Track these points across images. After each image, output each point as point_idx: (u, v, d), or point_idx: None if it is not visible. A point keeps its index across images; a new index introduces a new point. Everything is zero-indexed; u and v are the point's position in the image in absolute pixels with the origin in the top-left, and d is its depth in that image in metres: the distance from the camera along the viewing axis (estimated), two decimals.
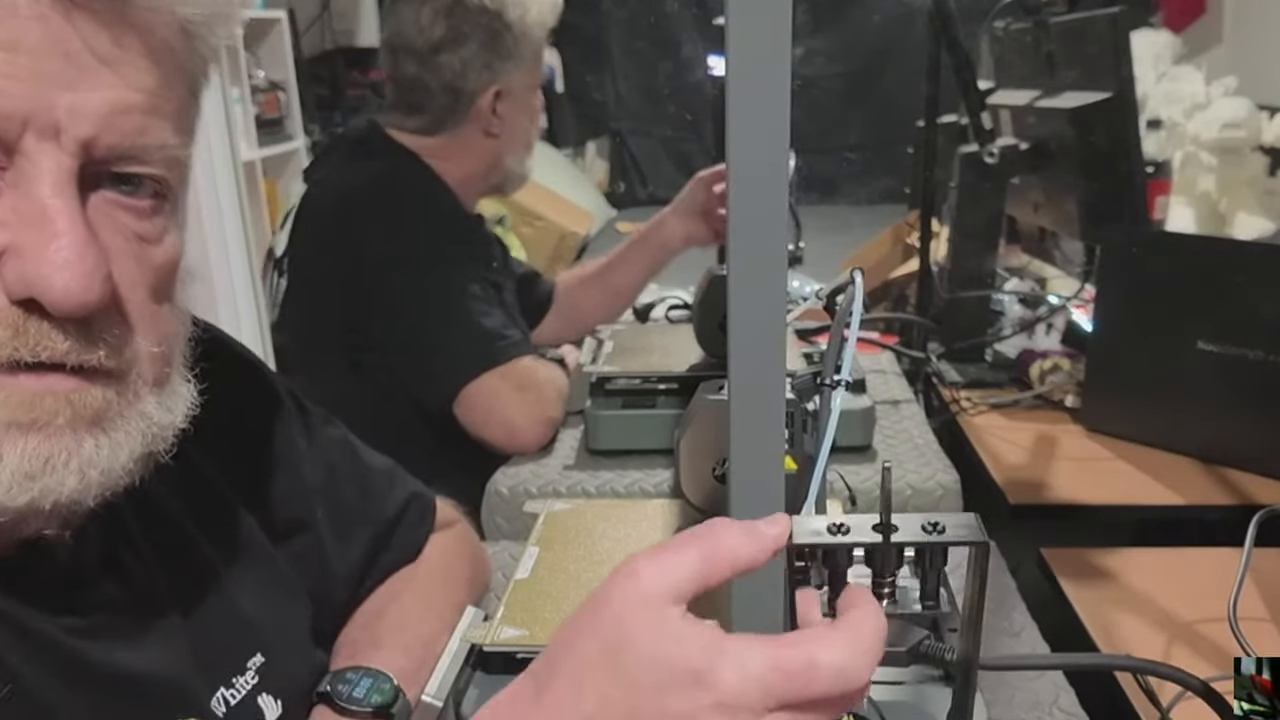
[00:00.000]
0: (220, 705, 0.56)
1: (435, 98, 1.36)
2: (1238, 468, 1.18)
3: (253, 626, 0.61)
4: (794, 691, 0.39)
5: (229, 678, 0.58)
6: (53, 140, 0.42)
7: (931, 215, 1.59)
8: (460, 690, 0.67)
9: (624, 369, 1.22)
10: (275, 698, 0.60)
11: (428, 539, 0.80)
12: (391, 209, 1.30)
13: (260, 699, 0.59)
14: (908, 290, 1.98)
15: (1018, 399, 1.42)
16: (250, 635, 0.60)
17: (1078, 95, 1.36)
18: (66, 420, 0.44)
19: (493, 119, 1.38)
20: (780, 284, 0.52)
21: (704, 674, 0.39)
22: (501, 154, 1.42)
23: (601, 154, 6.21)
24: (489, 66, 1.35)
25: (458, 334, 1.26)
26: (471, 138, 1.38)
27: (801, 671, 0.40)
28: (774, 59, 0.48)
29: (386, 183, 1.33)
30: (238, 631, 0.60)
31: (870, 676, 0.41)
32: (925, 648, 0.59)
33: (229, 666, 0.58)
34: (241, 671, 0.58)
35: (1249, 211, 2.65)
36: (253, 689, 0.58)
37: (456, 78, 1.34)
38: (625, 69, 6.02)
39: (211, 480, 0.62)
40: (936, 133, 1.58)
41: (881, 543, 0.45)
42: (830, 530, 0.45)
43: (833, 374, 0.61)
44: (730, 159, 0.49)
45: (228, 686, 0.57)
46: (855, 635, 0.42)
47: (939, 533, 0.45)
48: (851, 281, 0.64)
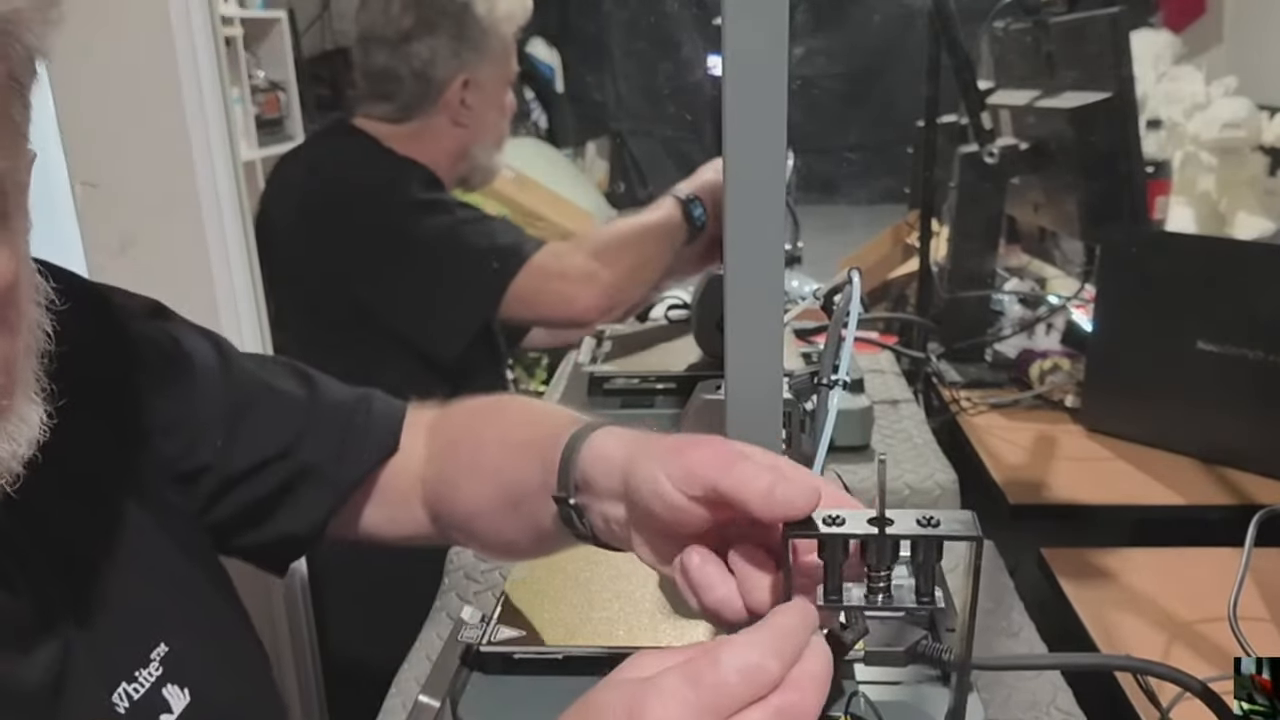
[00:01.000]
0: (123, 700, 0.54)
1: (405, 85, 1.40)
2: (1238, 468, 1.18)
3: (153, 614, 0.58)
4: (715, 701, 0.39)
5: (130, 671, 0.55)
6: None
7: (931, 215, 1.59)
8: (457, 690, 0.66)
9: (622, 369, 1.22)
10: (182, 687, 0.58)
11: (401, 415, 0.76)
12: (364, 179, 1.34)
13: (165, 690, 0.57)
14: (907, 290, 1.98)
15: (1018, 399, 1.41)
16: (150, 624, 0.58)
17: (1078, 95, 1.36)
18: None
19: (461, 109, 1.41)
20: (778, 284, 0.52)
21: (635, 712, 0.39)
22: (469, 144, 1.44)
23: (601, 154, 6.20)
24: (457, 55, 1.38)
25: (478, 252, 1.30)
26: (440, 126, 1.41)
27: (710, 677, 0.40)
28: (770, 58, 0.48)
29: (354, 160, 1.38)
30: (136, 622, 0.57)
31: (796, 671, 0.41)
32: (923, 647, 0.59)
33: (129, 660, 0.56)
34: (144, 664, 0.56)
35: (1249, 211, 2.64)
36: (156, 680, 0.56)
37: (426, 66, 1.38)
38: (625, 69, 6.01)
39: (93, 458, 0.59)
40: (936, 133, 1.58)
41: (876, 534, 0.45)
42: (825, 522, 0.45)
43: (830, 373, 0.61)
44: (727, 158, 0.49)
45: (129, 681, 0.55)
46: (767, 633, 0.42)
47: (934, 526, 0.45)
48: (849, 281, 0.63)
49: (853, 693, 0.62)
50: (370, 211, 1.33)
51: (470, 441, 0.71)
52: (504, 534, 0.66)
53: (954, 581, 0.90)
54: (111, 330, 0.63)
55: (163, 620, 0.59)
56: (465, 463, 0.70)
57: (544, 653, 0.67)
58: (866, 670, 0.64)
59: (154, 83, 1.01)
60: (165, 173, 1.04)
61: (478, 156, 1.46)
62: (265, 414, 0.70)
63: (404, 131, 1.41)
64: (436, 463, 0.72)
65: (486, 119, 1.45)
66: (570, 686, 0.66)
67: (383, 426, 0.74)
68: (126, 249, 1.06)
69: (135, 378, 0.64)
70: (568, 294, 1.29)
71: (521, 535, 0.65)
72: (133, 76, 1.01)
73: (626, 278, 1.32)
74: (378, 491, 0.73)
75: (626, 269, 1.32)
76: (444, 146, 1.43)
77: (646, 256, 1.34)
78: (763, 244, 0.51)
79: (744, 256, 0.51)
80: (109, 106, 1.02)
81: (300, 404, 0.72)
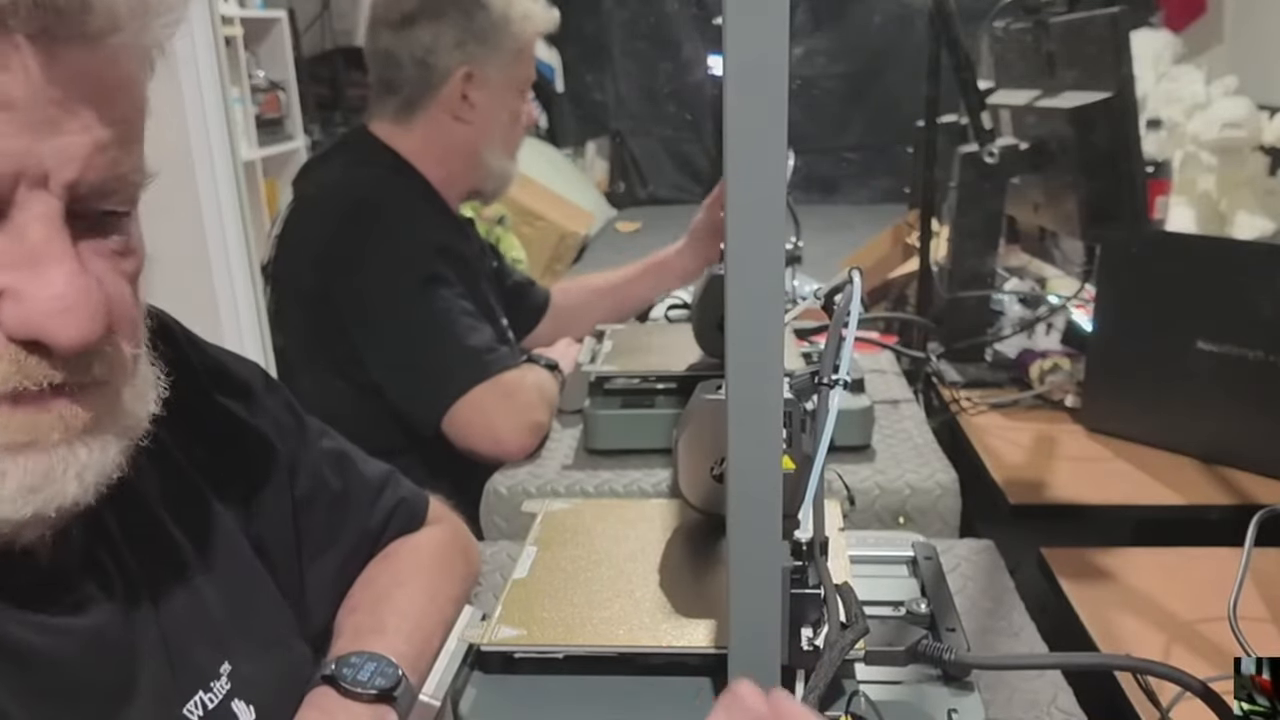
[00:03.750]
0: (197, 709, 0.56)
1: (405, 72, 1.36)
2: (1238, 468, 1.18)
3: (224, 629, 0.61)
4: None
5: (207, 682, 0.57)
6: (42, 187, 0.44)
7: (931, 215, 1.59)
8: (458, 690, 0.66)
9: (623, 368, 1.22)
10: (248, 704, 0.60)
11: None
12: (375, 228, 1.29)
13: (234, 704, 0.59)
14: (908, 290, 1.98)
15: (1018, 399, 1.41)
16: (222, 638, 0.60)
17: (1078, 95, 1.36)
18: (61, 435, 0.46)
19: (462, 104, 1.37)
20: (778, 283, 0.52)
21: None
22: (477, 146, 1.40)
23: (601, 154, 6.20)
24: (461, 45, 1.35)
25: (443, 355, 1.26)
26: (443, 122, 1.37)
27: None
28: (771, 58, 0.48)
29: (370, 198, 1.32)
30: (211, 634, 0.60)
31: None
32: (923, 647, 0.59)
33: (204, 672, 0.58)
34: (216, 676, 0.58)
35: (1249, 211, 2.64)
36: (227, 694, 0.58)
37: (427, 53, 1.34)
38: (625, 69, 6.00)
39: (183, 465, 0.63)
40: (936, 133, 1.58)
41: None
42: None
43: (831, 373, 0.61)
44: (728, 158, 0.49)
45: (205, 690, 0.57)
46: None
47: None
48: (850, 280, 0.63)
49: (853, 692, 0.62)
50: (377, 270, 1.28)
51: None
52: None
53: (954, 582, 0.90)
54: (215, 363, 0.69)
55: (233, 635, 0.61)
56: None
57: (544, 652, 0.67)
58: (866, 670, 0.64)
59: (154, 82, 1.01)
60: (165, 173, 1.04)
61: (489, 161, 1.42)
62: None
63: (415, 139, 1.38)
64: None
65: (493, 121, 1.40)
66: (570, 686, 0.66)
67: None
68: None
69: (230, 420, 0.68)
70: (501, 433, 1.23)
71: None
72: None
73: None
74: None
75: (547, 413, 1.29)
76: (449, 147, 1.39)
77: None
78: (763, 244, 0.50)
79: (744, 256, 0.51)
80: None
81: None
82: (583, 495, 1.12)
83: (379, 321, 1.28)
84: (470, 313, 1.30)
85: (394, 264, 1.28)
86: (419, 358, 1.26)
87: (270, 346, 1.22)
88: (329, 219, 1.32)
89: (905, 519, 1.09)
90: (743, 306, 0.52)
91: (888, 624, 0.70)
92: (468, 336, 1.27)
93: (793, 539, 0.60)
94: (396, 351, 1.27)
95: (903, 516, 1.08)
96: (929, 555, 0.79)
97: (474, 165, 1.41)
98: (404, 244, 1.29)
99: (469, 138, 1.39)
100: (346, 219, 1.30)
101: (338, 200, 1.34)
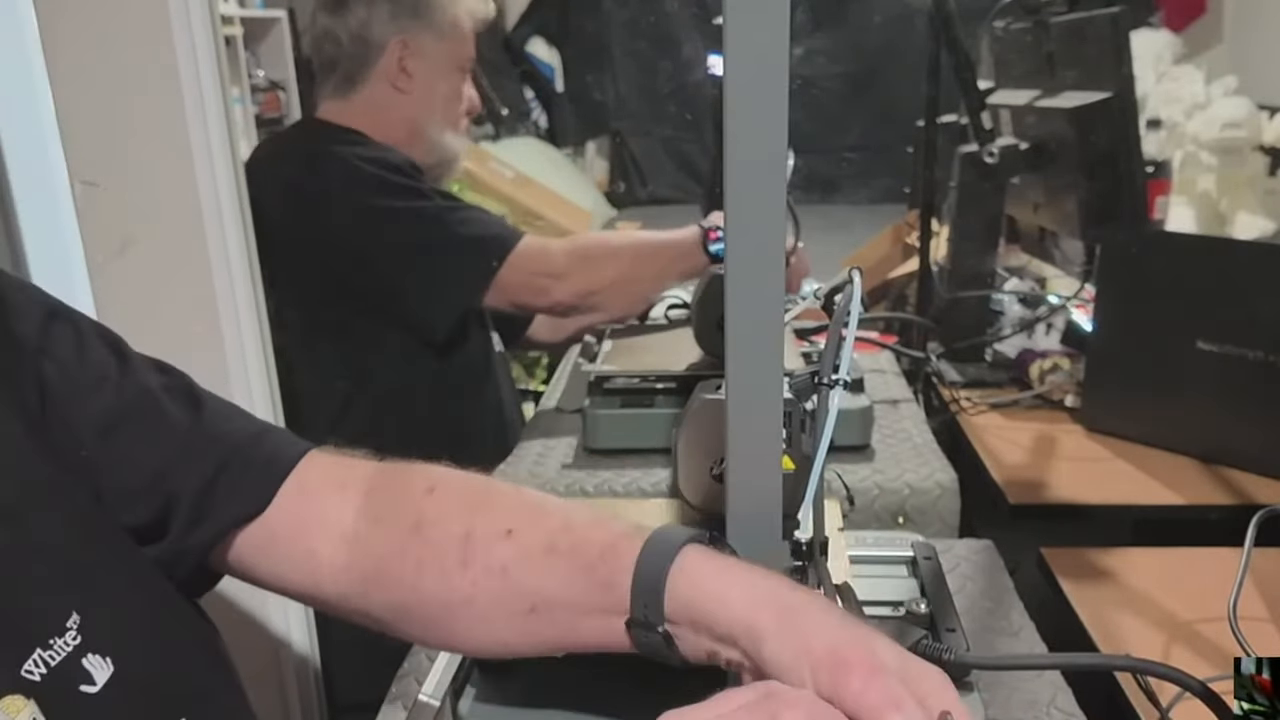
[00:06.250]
0: (39, 667, 0.52)
1: (344, 48, 1.43)
2: (1238, 468, 1.18)
3: (68, 580, 0.56)
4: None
5: (46, 639, 0.53)
6: None
7: (931, 215, 1.59)
8: (457, 689, 0.66)
9: (622, 368, 1.22)
10: (105, 656, 0.55)
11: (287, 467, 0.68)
12: (338, 170, 1.35)
13: (86, 660, 0.54)
14: (907, 290, 1.98)
15: (1018, 399, 1.41)
16: (66, 590, 0.55)
17: (1078, 95, 1.36)
18: None
19: (400, 74, 1.44)
20: (778, 283, 0.52)
21: None
22: (417, 117, 1.46)
23: (601, 154, 6.20)
24: (394, 18, 1.43)
25: (465, 238, 1.33)
26: (383, 91, 1.44)
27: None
28: (771, 58, 0.48)
29: (320, 149, 1.40)
30: (50, 587, 0.55)
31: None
32: (922, 647, 0.59)
33: (43, 628, 0.53)
34: (60, 632, 0.53)
35: (1249, 211, 2.64)
36: (75, 649, 0.54)
37: (363, 26, 1.42)
38: (625, 69, 6.01)
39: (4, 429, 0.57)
40: (936, 133, 1.58)
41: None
42: None
43: (830, 373, 0.61)
44: (728, 158, 0.49)
45: (44, 648, 0.53)
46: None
47: None
48: (850, 280, 0.63)
49: None
50: (353, 197, 1.34)
51: (449, 527, 0.64)
52: (493, 632, 0.62)
53: (954, 582, 0.90)
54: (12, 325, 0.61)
55: (80, 584, 0.56)
56: (441, 549, 0.63)
57: None
58: None
59: (154, 82, 1.01)
60: (165, 172, 1.04)
61: (431, 135, 1.47)
62: (144, 432, 0.64)
63: (353, 106, 1.44)
64: (382, 535, 0.65)
65: (433, 92, 1.47)
66: (570, 686, 0.66)
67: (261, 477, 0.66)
68: (126, 249, 1.05)
69: (42, 367, 0.61)
70: (541, 285, 1.34)
71: (525, 639, 0.61)
72: (132, 76, 1.01)
73: (607, 285, 1.36)
74: (268, 542, 0.66)
75: (608, 278, 1.36)
76: (391, 117, 1.44)
77: (637, 272, 1.37)
78: (763, 244, 0.50)
79: (744, 256, 0.51)
80: (109, 106, 1.02)
81: (181, 430, 0.65)
82: (582, 495, 1.12)
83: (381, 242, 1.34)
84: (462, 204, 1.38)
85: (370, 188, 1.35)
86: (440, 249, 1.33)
87: (270, 348, 1.22)
88: (287, 183, 1.38)
89: (905, 519, 1.08)
90: (742, 306, 0.52)
91: (887, 624, 0.70)
92: (481, 222, 1.36)
93: (792, 539, 0.60)
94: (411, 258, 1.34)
95: (902, 516, 1.08)
96: (928, 555, 0.79)
97: (416, 136, 1.47)
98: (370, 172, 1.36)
99: (409, 107, 1.45)
100: (306, 174, 1.38)
101: (293, 166, 1.41)
